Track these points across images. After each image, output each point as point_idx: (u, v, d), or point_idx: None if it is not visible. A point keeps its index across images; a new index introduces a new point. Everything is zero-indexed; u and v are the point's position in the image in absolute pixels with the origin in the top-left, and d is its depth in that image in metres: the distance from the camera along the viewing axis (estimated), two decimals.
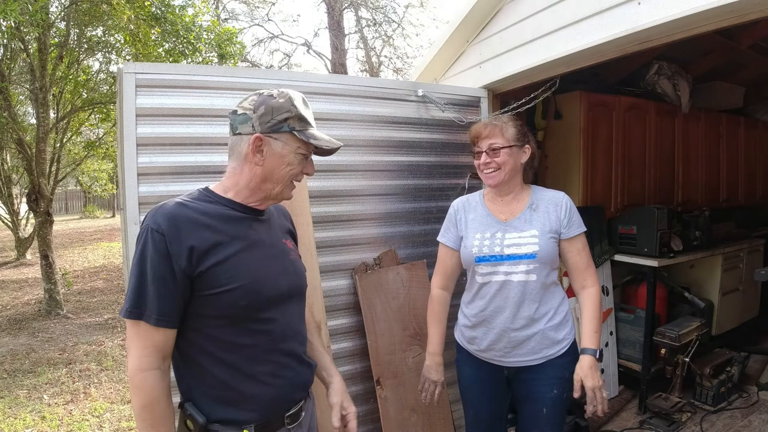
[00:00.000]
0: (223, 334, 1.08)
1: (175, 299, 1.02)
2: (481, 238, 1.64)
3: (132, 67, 1.75)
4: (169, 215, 1.04)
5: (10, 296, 6.59)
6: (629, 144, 3.26)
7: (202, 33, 5.79)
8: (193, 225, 1.05)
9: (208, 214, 1.10)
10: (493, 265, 1.61)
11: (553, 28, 2.04)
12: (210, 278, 1.05)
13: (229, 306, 1.06)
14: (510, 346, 1.62)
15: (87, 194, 17.35)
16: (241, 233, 1.13)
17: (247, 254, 1.11)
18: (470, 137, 1.70)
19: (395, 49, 13.04)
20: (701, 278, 3.50)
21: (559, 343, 1.62)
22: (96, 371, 4.05)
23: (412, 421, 2.13)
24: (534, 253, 1.56)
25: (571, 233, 1.61)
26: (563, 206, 1.63)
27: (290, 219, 1.37)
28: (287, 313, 1.17)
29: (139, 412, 1.03)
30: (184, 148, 1.82)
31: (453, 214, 1.78)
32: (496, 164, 1.60)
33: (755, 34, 3.21)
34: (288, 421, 1.16)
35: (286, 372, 1.15)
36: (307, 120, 1.13)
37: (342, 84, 2.15)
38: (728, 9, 1.47)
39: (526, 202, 1.67)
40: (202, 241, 1.05)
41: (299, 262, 1.27)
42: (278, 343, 1.14)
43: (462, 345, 1.77)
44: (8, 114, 5.40)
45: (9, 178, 8.55)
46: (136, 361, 1.02)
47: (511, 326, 1.60)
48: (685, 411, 2.82)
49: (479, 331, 1.67)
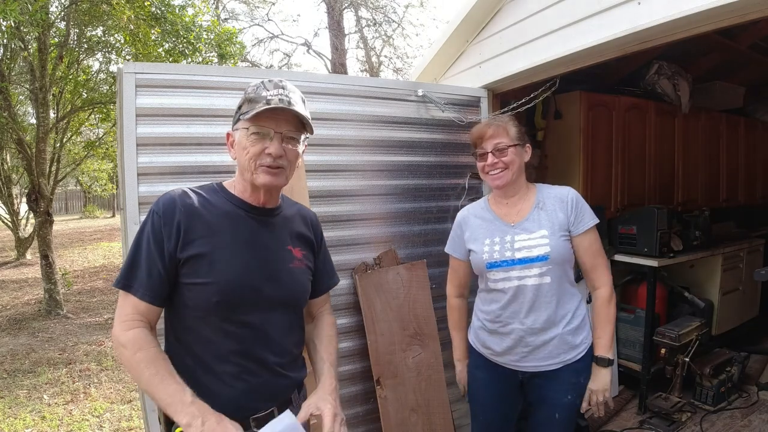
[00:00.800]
0: (197, 325, 1.10)
1: (162, 279, 1.06)
2: (490, 243, 1.59)
3: (132, 67, 1.75)
4: (170, 200, 1.10)
5: (10, 296, 6.59)
6: (629, 144, 3.27)
7: (202, 33, 5.79)
8: (188, 212, 1.09)
9: (209, 205, 1.13)
10: (506, 271, 1.55)
11: (553, 27, 2.04)
12: (190, 267, 1.08)
13: (203, 300, 1.08)
14: (527, 351, 1.57)
15: (87, 194, 17.34)
16: (234, 230, 1.13)
17: (233, 253, 1.10)
18: (472, 139, 1.64)
19: (395, 49, 13.06)
20: (701, 278, 3.50)
21: (576, 347, 1.56)
22: (96, 371, 4.05)
23: (412, 421, 2.13)
24: (546, 254, 1.51)
25: (579, 229, 1.55)
26: (569, 202, 1.56)
27: (313, 225, 1.31)
28: (268, 321, 1.13)
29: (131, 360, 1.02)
30: (184, 148, 1.82)
31: (457, 227, 1.74)
32: (504, 164, 1.54)
33: (755, 34, 3.21)
34: (254, 424, 1.12)
35: (251, 378, 1.12)
36: (256, 99, 1.08)
37: (342, 84, 2.15)
38: (728, 9, 1.47)
39: (532, 201, 1.61)
40: (191, 229, 1.08)
41: (300, 272, 1.21)
42: (249, 348, 1.11)
43: (476, 348, 1.73)
44: (8, 114, 5.41)
45: (9, 178, 8.55)
46: (122, 324, 1.05)
47: (528, 331, 1.55)
48: (685, 411, 2.82)
49: (495, 336, 1.63)
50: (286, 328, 1.19)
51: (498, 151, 1.55)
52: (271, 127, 1.09)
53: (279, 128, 1.10)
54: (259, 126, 1.09)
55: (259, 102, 1.08)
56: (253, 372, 1.13)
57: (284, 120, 1.11)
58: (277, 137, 1.10)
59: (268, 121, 1.09)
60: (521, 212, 1.60)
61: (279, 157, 1.10)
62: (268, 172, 1.11)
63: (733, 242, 3.63)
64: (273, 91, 1.09)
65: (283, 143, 1.11)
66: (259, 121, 1.08)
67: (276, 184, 1.13)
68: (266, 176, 1.11)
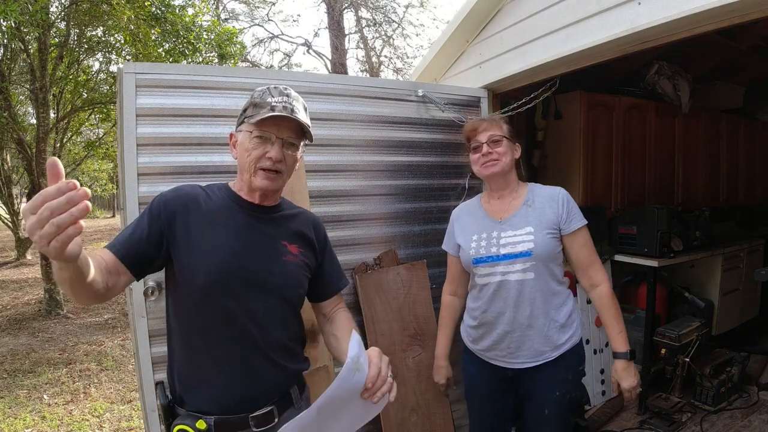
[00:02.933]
0: (190, 311, 1.13)
1: (141, 242, 1.08)
2: (477, 239, 1.64)
3: (132, 67, 1.75)
4: (177, 188, 1.18)
5: (11, 296, 6.59)
6: (629, 144, 3.26)
7: (202, 33, 5.80)
8: (189, 198, 1.15)
9: (209, 199, 1.18)
10: (491, 266, 1.60)
11: (553, 28, 2.04)
12: (180, 248, 1.11)
13: (191, 282, 1.09)
14: (513, 348, 1.61)
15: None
16: (228, 220, 1.17)
17: (222, 239, 1.13)
18: (466, 133, 1.69)
19: (395, 49, 13.08)
20: (701, 278, 3.50)
21: (561, 346, 1.59)
22: (96, 371, 4.05)
23: (412, 421, 2.13)
24: (529, 250, 1.54)
25: (571, 228, 1.58)
26: (560, 201, 1.59)
27: (315, 228, 1.32)
28: (259, 309, 1.14)
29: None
30: (185, 148, 1.82)
31: (451, 224, 1.80)
32: (498, 154, 1.60)
33: (755, 34, 3.21)
34: (253, 423, 1.11)
35: (244, 364, 1.12)
36: (262, 105, 1.13)
37: (342, 84, 2.15)
38: (729, 9, 1.47)
39: (521, 199, 1.64)
40: (186, 211, 1.13)
41: (293, 266, 1.21)
42: (241, 334, 1.12)
43: (467, 344, 1.78)
44: (8, 114, 5.41)
45: (9, 178, 8.56)
46: None
47: (512, 327, 1.59)
48: (685, 411, 2.82)
49: (481, 331, 1.67)
50: (278, 319, 1.19)
51: (493, 142, 1.61)
52: (273, 132, 1.14)
53: (281, 134, 1.15)
54: (262, 131, 1.14)
55: (264, 107, 1.12)
56: (247, 359, 1.13)
57: (286, 127, 1.16)
58: (278, 142, 1.15)
59: (271, 127, 1.14)
60: (510, 209, 1.65)
61: (279, 161, 1.15)
62: (266, 177, 1.16)
63: (733, 242, 3.63)
64: (278, 98, 1.14)
65: (283, 148, 1.16)
66: (263, 126, 1.13)
67: (272, 188, 1.18)
68: (263, 180, 1.16)
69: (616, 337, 1.60)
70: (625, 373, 1.58)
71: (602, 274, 1.63)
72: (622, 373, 1.59)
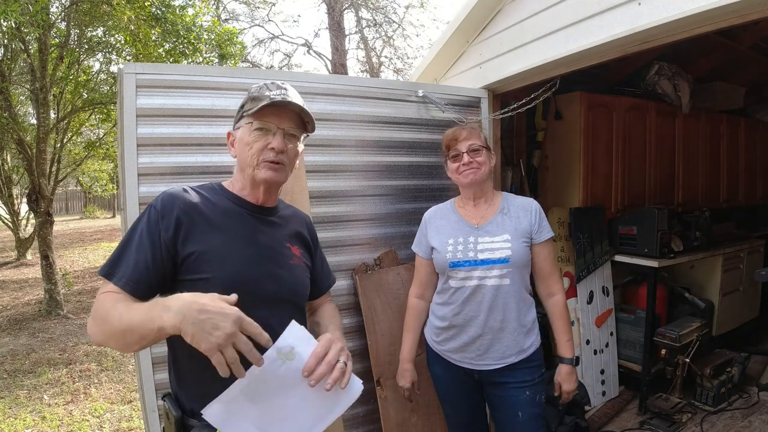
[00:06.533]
0: None
1: (149, 271, 1.03)
2: (454, 243, 1.66)
3: (132, 68, 1.75)
4: (169, 195, 1.10)
5: (11, 296, 6.59)
6: (629, 144, 3.26)
7: (203, 33, 5.80)
8: (188, 208, 1.09)
9: (208, 203, 1.13)
10: (468, 271, 1.63)
11: (553, 28, 2.04)
12: (191, 264, 1.06)
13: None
14: (482, 351, 1.64)
15: (87, 194, 17.33)
16: (234, 227, 1.13)
17: (233, 249, 1.10)
18: (445, 142, 1.73)
19: (395, 49, 13.07)
20: (701, 279, 3.50)
21: (526, 350, 1.65)
22: (96, 371, 4.05)
23: (412, 421, 2.13)
24: (507, 257, 1.59)
25: (541, 237, 1.66)
26: (533, 211, 1.67)
27: (308, 227, 1.33)
28: (273, 318, 1.10)
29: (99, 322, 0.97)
30: (185, 149, 1.82)
31: (423, 226, 1.82)
32: (477, 163, 1.65)
33: (756, 34, 3.21)
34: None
35: None
36: (260, 98, 1.12)
37: (342, 84, 2.15)
38: (729, 9, 1.47)
39: (497, 207, 1.70)
40: (191, 225, 1.08)
41: (299, 269, 1.21)
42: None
43: (431, 346, 1.79)
44: (9, 114, 5.41)
45: (9, 178, 8.55)
46: (95, 304, 1.00)
47: (483, 330, 1.62)
48: (686, 411, 2.82)
49: (450, 333, 1.69)
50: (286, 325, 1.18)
51: (473, 151, 1.65)
52: (274, 122, 1.14)
53: (281, 124, 1.14)
54: (263, 121, 1.13)
55: (263, 100, 1.12)
56: None
57: (287, 117, 1.15)
58: (279, 132, 1.14)
59: (272, 117, 1.14)
60: (486, 216, 1.69)
61: (281, 151, 1.14)
62: (269, 168, 1.14)
63: (734, 243, 3.63)
64: (276, 92, 1.14)
65: (284, 140, 1.15)
66: (263, 116, 1.12)
67: (276, 179, 1.16)
68: (268, 171, 1.14)
69: (565, 344, 1.69)
70: (569, 377, 1.69)
71: (560, 285, 1.73)
72: (566, 377, 1.69)
